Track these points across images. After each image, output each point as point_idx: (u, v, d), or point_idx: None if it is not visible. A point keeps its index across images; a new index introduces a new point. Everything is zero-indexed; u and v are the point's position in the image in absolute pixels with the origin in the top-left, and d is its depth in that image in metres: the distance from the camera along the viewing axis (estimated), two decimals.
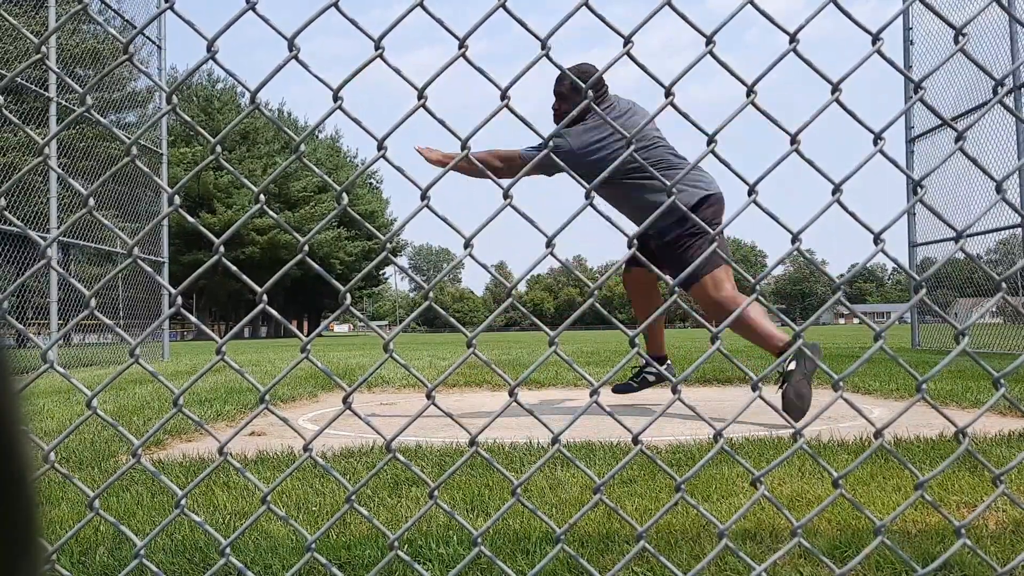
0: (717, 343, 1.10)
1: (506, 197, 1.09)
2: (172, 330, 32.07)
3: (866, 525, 1.52)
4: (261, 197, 1.04)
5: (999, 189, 1.14)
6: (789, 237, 1.10)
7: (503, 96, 1.04)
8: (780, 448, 2.40)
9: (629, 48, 1.04)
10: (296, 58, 1.02)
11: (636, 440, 1.09)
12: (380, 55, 1.03)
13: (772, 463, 1.19)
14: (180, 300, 1.07)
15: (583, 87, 1.09)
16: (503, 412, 1.09)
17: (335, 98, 1.05)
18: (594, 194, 1.09)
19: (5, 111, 1.05)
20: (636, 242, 1.09)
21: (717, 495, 1.85)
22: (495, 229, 1.15)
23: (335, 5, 1.02)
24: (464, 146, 1.06)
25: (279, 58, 1.03)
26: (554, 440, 1.09)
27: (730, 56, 1.09)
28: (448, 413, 1.04)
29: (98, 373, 7.63)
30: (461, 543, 1.47)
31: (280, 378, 1.08)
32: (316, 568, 1.35)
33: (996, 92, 1.11)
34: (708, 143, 1.08)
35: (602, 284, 1.12)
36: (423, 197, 1.07)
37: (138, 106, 12.21)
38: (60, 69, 7.55)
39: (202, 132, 1.11)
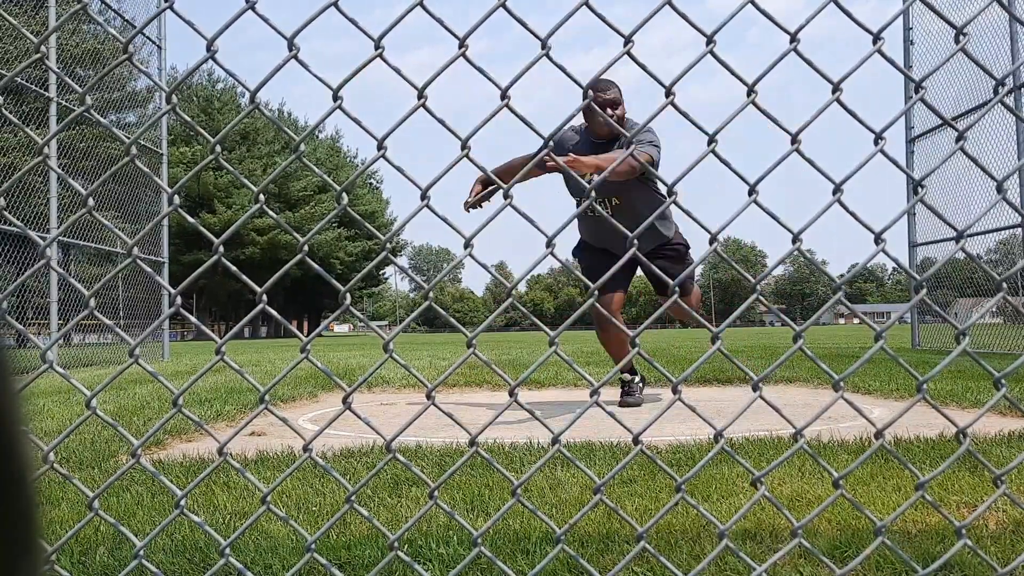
0: (717, 343, 1.10)
1: (506, 197, 1.09)
2: (172, 330, 32.08)
3: (866, 525, 1.52)
4: (261, 197, 1.04)
5: (1000, 189, 1.13)
6: (789, 237, 1.10)
7: (503, 96, 1.04)
8: (780, 448, 2.40)
9: (629, 48, 1.04)
10: (296, 58, 1.02)
11: (636, 440, 1.08)
12: (380, 55, 1.02)
13: (772, 463, 1.19)
14: (180, 300, 1.07)
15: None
16: (503, 412, 1.09)
17: (335, 97, 1.05)
18: (594, 194, 1.09)
19: (4, 111, 1.05)
20: (634, 245, 1.09)
21: (717, 495, 1.85)
22: (495, 229, 1.15)
23: (335, 4, 1.02)
24: (464, 146, 1.06)
25: (279, 58, 1.03)
26: (554, 440, 1.09)
27: (731, 56, 1.09)
28: (448, 413, 1.04)
29: (98, 373, 7.63)
30: (461, 543, 1.47)
31: (280, 378, 1.08)
32: (316, 568, 1.35)
33: (996, 92, 1.11)
34: (708, 143, 1.08)
35: (602, 284, 1.12)
36: (423, 197, 1.07)
37: (138, 106, 12.22)
38: (60, 69, 7.54)
39: (202, 132, 1.11)
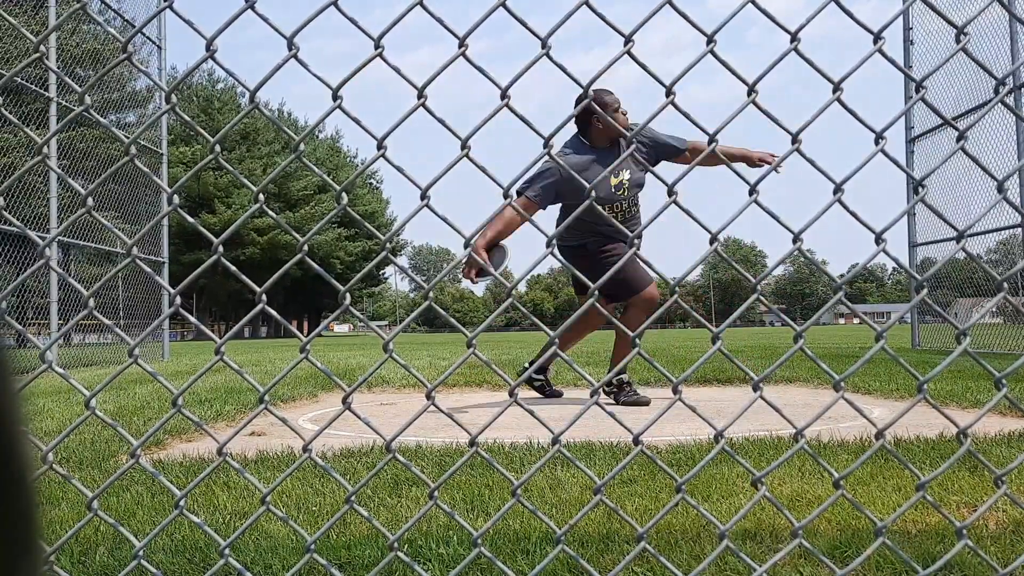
0: (718, 343, 1.10)
1: (506, 197, 1.09)
2: (172, 330, 32.07)
3: (866, 525, 1.52)
4: (260, 197, 1.04)
5: (1000, 189, 1.13)
6: (790, 237, 1.10)
7: (503, 95, 1.04)
8: (780, 448, 2.40)
9: (630, 47, 1.04)
10: (296, 57, 1.02)
11: (636, 440, 1.08)
12: (380, 54, 1.02)
13: (773, 463, 1.19)
14: (179, 300, 1.07)
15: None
16: (503, 412, 1.09)
17: (335, 97, 1.05)
18: (594, 193, 1.09)
19: (4, 111, 1.05)
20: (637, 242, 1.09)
21: (717, 495, 1.85)
22: None
23: (335, 4, 1.02)
24: (464, 145, 1.06)
25: (279, 57, 1.03)
26: (554, 440, 1.09)
27: (731, 56, 1.09)
28: (448, 413, 1.04)
29: (98, 373, 7.63)
30: (461, 543, 1.47)
31: (280, 378, 1.08)
32: (316, 568, 1.35)
33: (997, 92, 1.11)
34: (709, 143, 1.08)
35: (601, 284, 1.12)
36: (423, 197, 1.06)
37: (138, 106, 12.22)
38: (60, 69, 7.53)
39: (202, 132, 1.11)
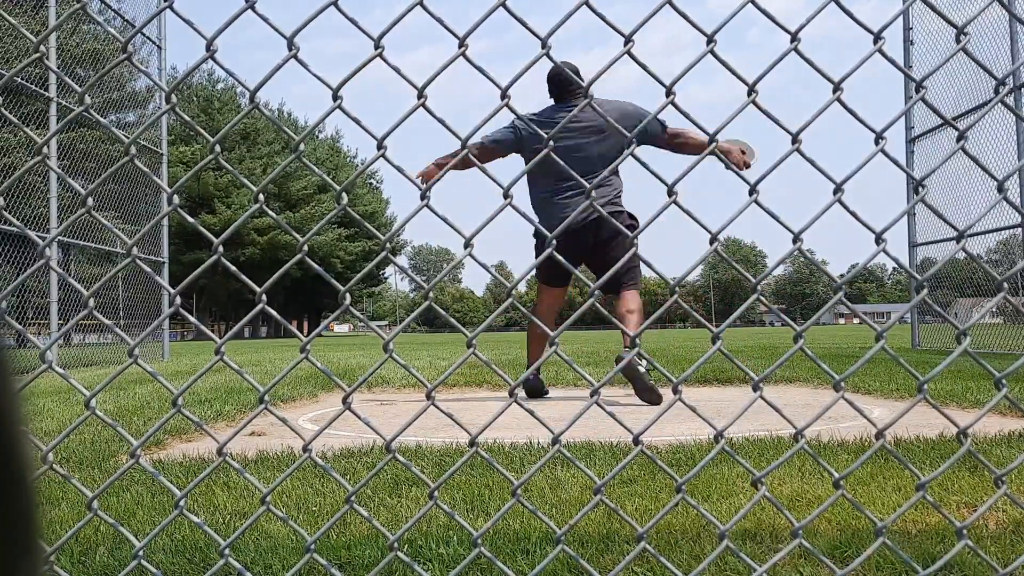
0: (718, 343, 1.10)
1: (506, 197, 1.09)
2: (172, 330, 32.07)
3: (866, 525, 1.52)
4: (261, 197, 1.04)
5: (1000, 189, 1.13)
6: (790, 237, 1.10)
7: (503, 95, 1.04)
8: (780, 448, 2.40)
9: (630, 47, 1.04)
10: (296, 57, 1.02)
11: (636, 440, 1.08)
12: (380, 54, 1.02)
13: (773, 463, 1.19)
14: (179, 300, 1.07)
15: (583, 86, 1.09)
16: (503, 412, 1.09)
17: (335, 97, 1.05)
18: (595, 193, 1.09)
19: (4, 111, 1.05)
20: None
21: (717, 495, 1.85)
22: (495, 229, 1.15)
23: (335, 4, 1.02)
24: (464, 145, 1.06)
25: (279, 57, 1.03)
26: (554, 440, 1.09)
27: (732, 56, 1.09)
28: (448, 413, 1.04)
29: (98, 373, 7.63)
30: (461, 543, 1.47)
31: (280, 378, 1.08)
32: (316, 568, 1.35)
33: (997, 92, 1.11)
34: (709, 142, 1.08)
35: (602, 284, 1.12)
36: (423, 197, 1.06)
37: (138, 106, 12.21)
38: (60, 69, 7.52)
39: (202, 132, 1.11)
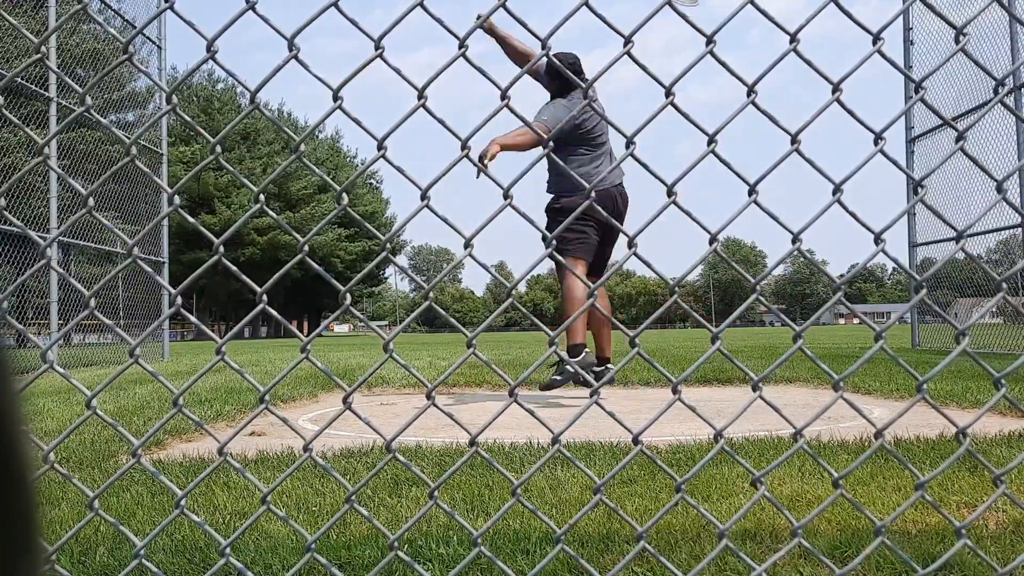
0: (717, 343, 1.10)
1: (506, 197, 1.09)
2: (172, 330, 32.06)
3: (866, 525, 1.52)
4: (261, 197, 1.04)
5: (999, 189, 1.13)
6: (789, 237, 1.10)
7: (503, 96, 1.04)
8: (780, 448, 2.40)
9: (629, 48, 1.04)
10: (296, 58, 1.02)
11: (636, 440, 1.08)
12: (380, 55, 1.02)
13: (772, 463, 1.19)
14: (180, 300, 1.07)
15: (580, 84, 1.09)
16: (503, 412, 1.09)
17: (335, 98, 1.05)
18: (594, 193, 1.09)
19: (4, 111, 1.05)
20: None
21: (717, 495, 1.85)
22: (495, 229, 1.15)
23: (335, 5, 1.02)
24: (464, 146, 1.06)
25: (279, 58, 1.03)
26: (554, 440, 1.09)
27: (732, 56, 1.09)
28: (448, 413, 1.04)
29: (98, 373, 7.63)
30: (461, 543, 1.47)
31: (280, 378, 1.08)
32: (316, 568, 1.35)
33: (996, 92, 1.11)
34: (708, 143, 1.08)
35: (602, 284, 1.12)
36: (423, 197, 1.07)
37: (138, 106, 12.22)
38: (60, 69, 7.54)
39: (202, 132, 1.11)
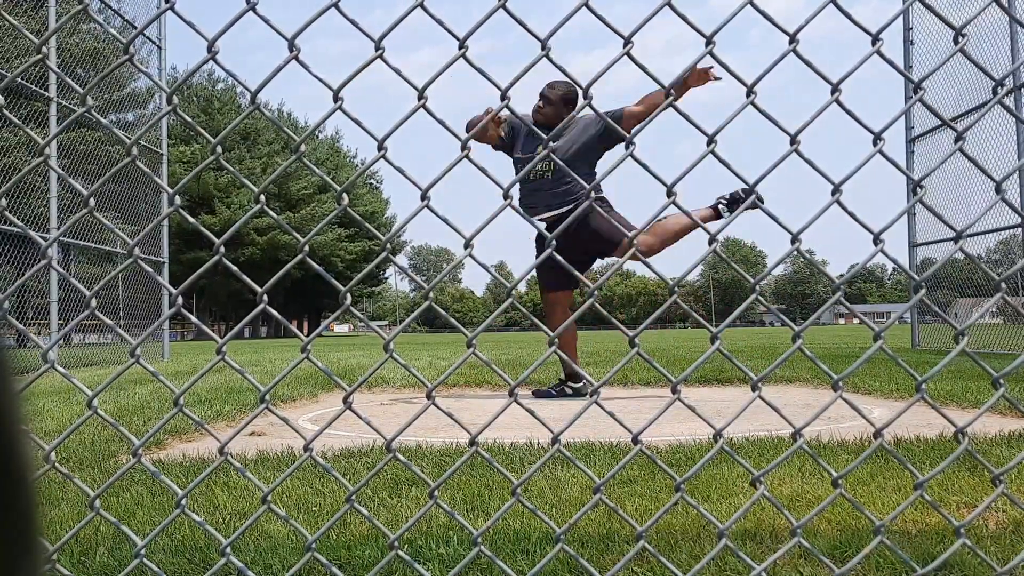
0: (717, 343, 1.10)
1: (506, 197, 1.09)
2: (172, 330, 32.06)
3: (866, 525, 1.52)
4: (261, 197, 1.04)
5: (999, 189, 1.14)
6: (789, 237, 1.10)
7: (503, 96, 1.04)
8: (780, 448, 2.40)
9: (629, 48, 1.04)
10: (296, 59, 1.03)
11: (636, 440, 1.09)
12: (380, 55, 1.03)
13: (772, 463, 1.19)
14: (180, 300, 1.07)
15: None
16: (503, 412, 1.09)
17: (335, 98, 1.05)
18: (594, 194, 1.09)
19: (5, 111, 1.05)
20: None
21: (717, 495, 1.85)
22: (495, 229, 1.15)
23: (335, 5, 1.02)
24: (464, 146, 1.06)
25: (279, 58, 1.03)
26: (554, 440, 1.09)
27: (733, 56, 1.09)
28: (448, 413, 1.04)
29: (98, 373, 7.63)
30: (461, 543, 1.47)
31: (280, 378, 1.08)
32: (316, 568, 1.35)
33: (996, 92, 1.11)
34: (708, 143, 1.08)
35: (602, 284, 1.12)
36: (423, 197, 1.07)
37: (138, 106, 12.22)
38: (60, 69, 7.54)
39: (202, 132, 1.11)
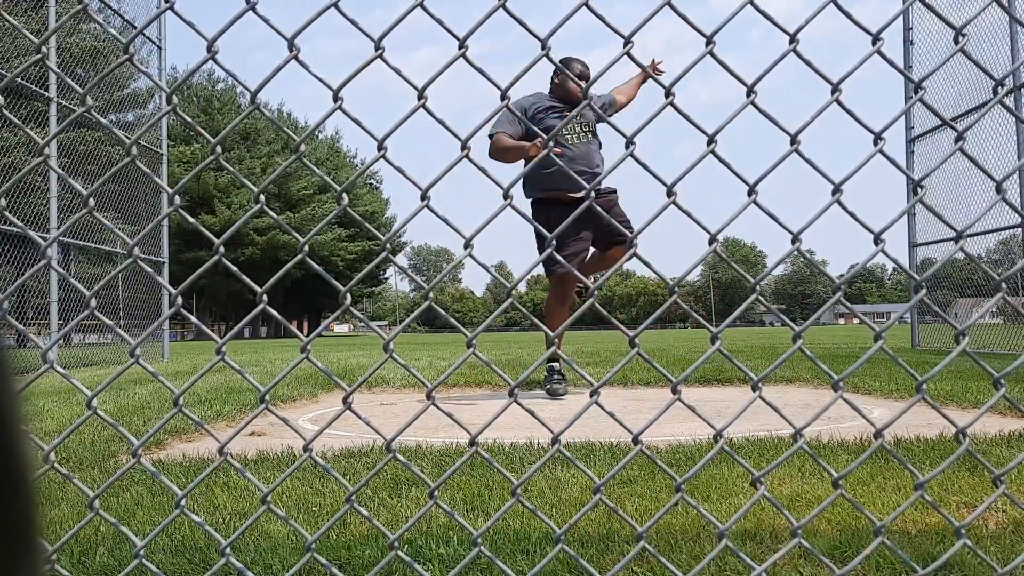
0: (717, 343, 1.10)
1: (506, 197, 1.09)
2: (172, 330, 32.03)
3: (866, 525, 1.52)
4: (261, 197, 1.04)
5: (999, 189, 1.14)
6: (789, 237, 1.10)
7: (503, 96, 1.04)
8: (780, 448, 2.40)
9: (629, 48, 1.04)
10: (296, 58, 1.02)
11: (636, 440, 1.09)
12: (380, 55, 1.03)
13: (772, 463, 1.19)
14: (180, 300, 1.07)
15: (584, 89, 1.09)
16: (503, 412, 1.09)
17: (335, 98, 1.05)
18: (593, 193, 1.09)
19: (5, 111, 1.05)
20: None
21: (717, 495, 1.85)
22: (495, 229, 1.15)
23: (335, 5, 1.02)
24: (464, 146, 1.06)
25: (279, 58, 1.03)
26: (554, 440, 1.09)
27: (733, 56, 1.09)
28: (448, 413, 1.04)
29: (98, 373, 7.62)
30: (461, 543, 1.47)
31: (280, 378, 1.08)
32: (316, 568, 1.35)
33: (996, 92, 1.11)
34: (708, 143, 1.08)
35: (602, 284, 1.12)
36: (423, 197, 1.07)
37: (138, 106, 12.22)
38: (60, 69, 7.50)
39: (202, 132, 1.11)
